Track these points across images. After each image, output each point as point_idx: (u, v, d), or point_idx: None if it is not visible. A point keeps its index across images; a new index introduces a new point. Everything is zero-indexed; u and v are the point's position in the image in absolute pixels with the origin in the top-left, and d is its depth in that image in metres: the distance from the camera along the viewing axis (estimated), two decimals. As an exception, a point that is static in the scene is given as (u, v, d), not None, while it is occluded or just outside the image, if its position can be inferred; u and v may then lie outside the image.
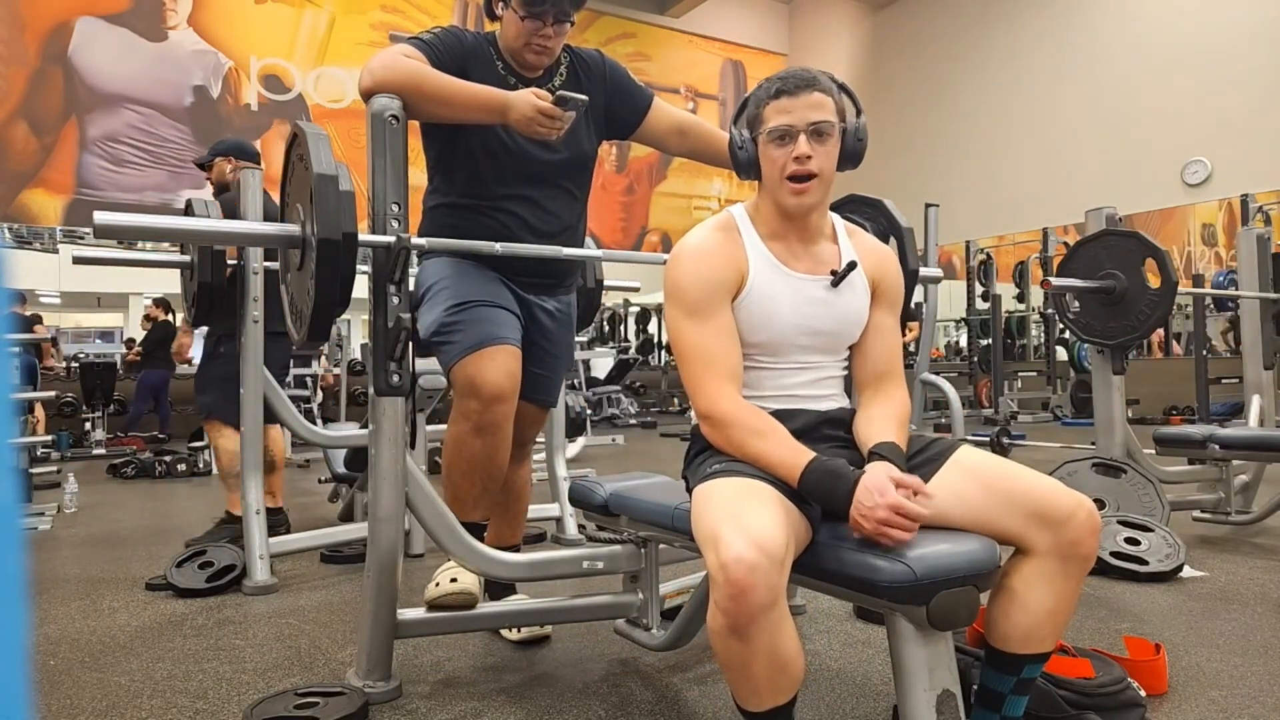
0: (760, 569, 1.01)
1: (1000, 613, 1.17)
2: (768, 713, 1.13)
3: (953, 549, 1.11)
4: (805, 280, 1.36)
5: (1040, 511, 1.14)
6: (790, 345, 1.35)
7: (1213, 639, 1.91)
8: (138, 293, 11.60)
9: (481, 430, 1.77)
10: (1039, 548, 1.14)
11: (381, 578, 1.62)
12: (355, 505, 3.36)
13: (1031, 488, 1.16)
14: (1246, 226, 3.59)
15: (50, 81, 7.65)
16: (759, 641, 1.05)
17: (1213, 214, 9.27)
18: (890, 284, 1.43)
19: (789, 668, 1.10)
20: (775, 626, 1.05)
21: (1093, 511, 1.14)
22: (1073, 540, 1.12)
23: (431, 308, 1.82)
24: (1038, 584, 1.14)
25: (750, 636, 1.04)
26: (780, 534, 1.06)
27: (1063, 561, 1.13)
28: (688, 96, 11.74)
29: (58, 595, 2.50)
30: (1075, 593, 1.17)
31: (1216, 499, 2.98)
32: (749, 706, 1.13)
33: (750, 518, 1.07)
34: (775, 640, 1.06)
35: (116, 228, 1.47)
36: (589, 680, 1.75)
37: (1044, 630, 1.16)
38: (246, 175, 2.67)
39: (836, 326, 1.37)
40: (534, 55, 1.86)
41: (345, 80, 8.91)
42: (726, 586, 1.02)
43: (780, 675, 1.10)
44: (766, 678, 1.09)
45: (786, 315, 1.34)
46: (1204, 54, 8.40)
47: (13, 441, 0.33)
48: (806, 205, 1.32)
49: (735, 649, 1.06)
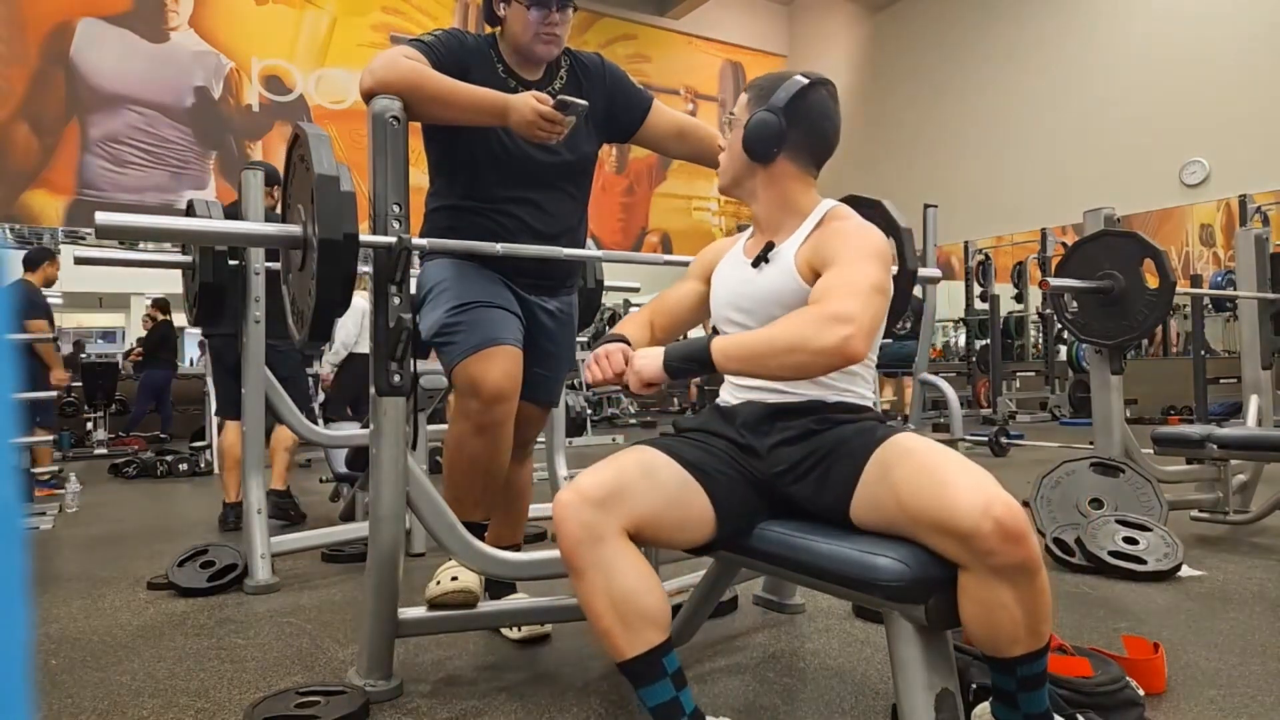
0: (572, 506, 1.17)
1: (969, 621, 1.07)
2: (633, 661, 1.17)
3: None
4: (743, 264, 1.48)
5: (944, 528, 1.04)
6: (722, 319, 1.48)
7: (1211, 638, 1.92)
8: (139, 293, 11.59)
9: (482, 430, 1.77)
10: (963, 561, 1.04)
11: (382, 577, 1.62)
12: (356, 505, 3.37)
13: (929, 503, 1.05)
14: (1245, 227, 3.59)
15: (52, 82, 7.65)
16: (591, 576, 1.16)
17: (1211, 214, 9.27)
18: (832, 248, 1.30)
19: (634, 600, 1.16)
20: (608, 560, 1.16)
21: (1003, 515, 1.00)
22: (988, 551, 1.00)
23: (433, 309, 1.83)
24: (986, 595, 1.04)
25: (581, 570, 1.17)
26: (603, 480, 1.20)
27: (995, 573, 1.02)
28: (687, 98, 11.75)
29: (59, 594, 2.50)
30: (1036, 591, 1.05)
31: (1214, 498, 2.99)
32: (615, 657, 1.19)
33: (586, 473, 1.23)
34: (611, 574, 1.16)
35: (118, 228, 1.48)
36: (589, 679, 1.75)
37: (1018, 633, 1.06)
38: (247, 176, 2.68)
39: (754, 305, 1.43)
40: (543, 46, 1.86)
41: (346, 81, 8.91)
42: (555, 525, 1.19)
43: (626, 609, 1.16)
44: (613, 616, 1.16)
45: (720, 293, 1.50)
46: (1202, 55, 8.41)
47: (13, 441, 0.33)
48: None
49: (576, 586, 1.19)
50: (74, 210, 7.69)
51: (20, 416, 5.00)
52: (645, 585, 1.17)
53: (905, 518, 1.10)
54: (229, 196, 4.92)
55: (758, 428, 1.34)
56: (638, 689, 1.19)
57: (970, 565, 1.04)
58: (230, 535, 3.32)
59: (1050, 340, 9.07)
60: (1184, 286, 6.07)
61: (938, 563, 1.08)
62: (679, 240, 11.26)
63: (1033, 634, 1.07)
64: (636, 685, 1.19)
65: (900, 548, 1.10)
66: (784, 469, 1.29)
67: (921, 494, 1.07)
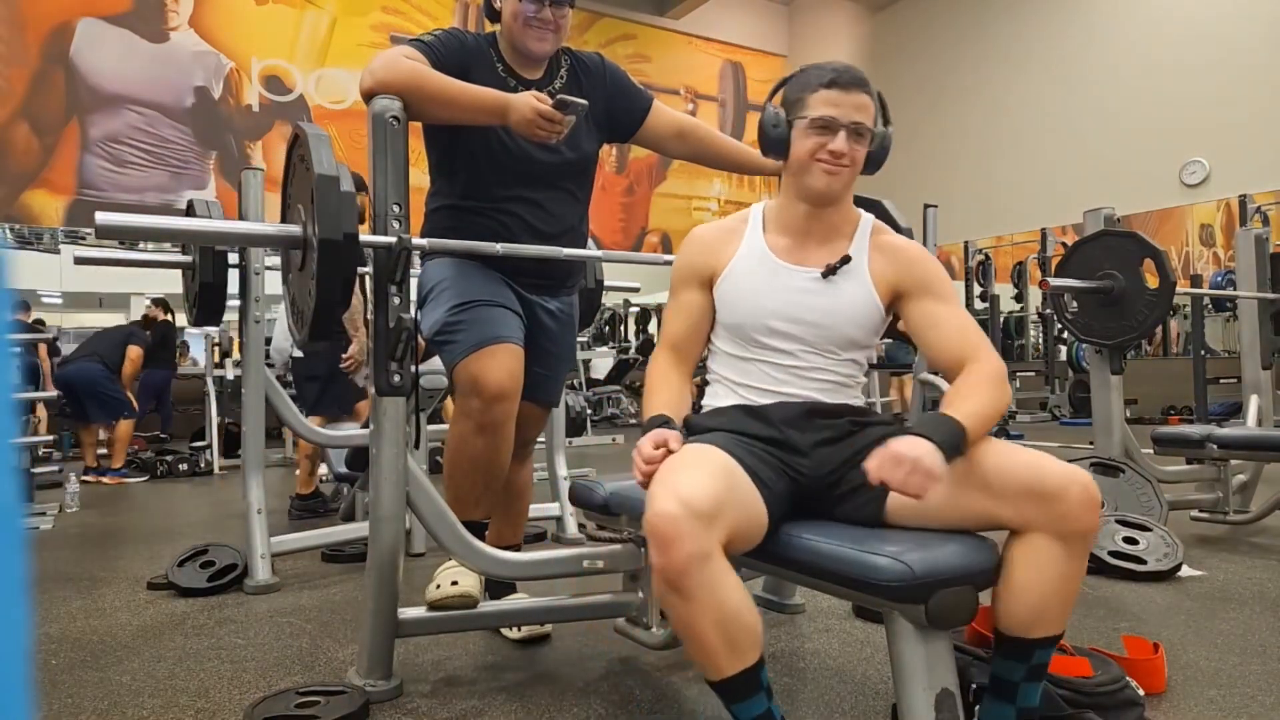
0: (682, 519, 1.05)
1: (1005, 597, 1.14)
2: (732, 679, 1.12)
3: (951, 548, 1.11)
4: (795, 271, 1.40)
5: (1031, 489, 1.11)
6: (762, 329, 1.39)
7: (1211, 638, 1.92)
8: (140, 293, 11.59)
9: (483, 429, 1.77)
10: (1033, 526, 1.11)
11: (382, 577, 1.62)
12: (356, 505, 3.37)
13: (1021, 471, 1.13)
14: (1245, 227, 3.59)
15: (52, 82, 7.65)
16: (700, 596, 1.07)
17: (1211, 214, 9.27)
18: (920, 275, 1.39)
19: (739, 619, 1.10)
20: (714, 580, 1.07)
21: (1088, 484, 1.10)
22: (1066, 514, 1.09)
23: (435, 308, 1.83)
24: (1038, 564, 1.11)
25: (689, 591, 1.07)
26: (706, 491, 1.09)
27: (1061, 539, 1.10)
28: (687, 98, 11.74)
29: (59, 594, 2.50)
30: (1080, 570, 1.13)
31: (1214, 498, 2.99)
32: (713, 676, 1.13)
33: (680, 477, 1.12)
34: (717, 593, 1.07)
35: (118, 228, 1.48)
36: (589, 679, 1.75)
37: (1051, 611, 1.13)
38: (247, 176, 2.68)
39: (823, 319, 1.37)
40: (534, 39, 1.84)
41: (346, 81, 8.90)
42: (654, 540, 1.07)
43: (734, 629, 1.09)
44: (719, 636, 1.09)
45: (762, 301, 1.39)
46: (1202, 55, 8.41)
47: (14, 441, 0.33)
48: (835, 189, 1.36)
49: (680, 608, 1.08)
50: (74, 210, 7.69)
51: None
52: (747, 601, 1.12)
53: (984, 484, 1.14)
54: (229, 196, 4.91)
55: (798, 424, 1.32)
56: (731, 704, 1.14)
57: (1044, 528, 1.10)
58: (296, 524, 3.47)
59: (1050, 340, 9.07)
60: (1184, 286, 6.07)
61: (938, 563, 1.08)
62: (679, 240, 11.21)
63: (1061, 615, 1.15)
64: (730, 701, 1.14)
65: (900, 547, 1.10)
66: (828, 472, 1.28)
67: (1013, 466, 1.14)
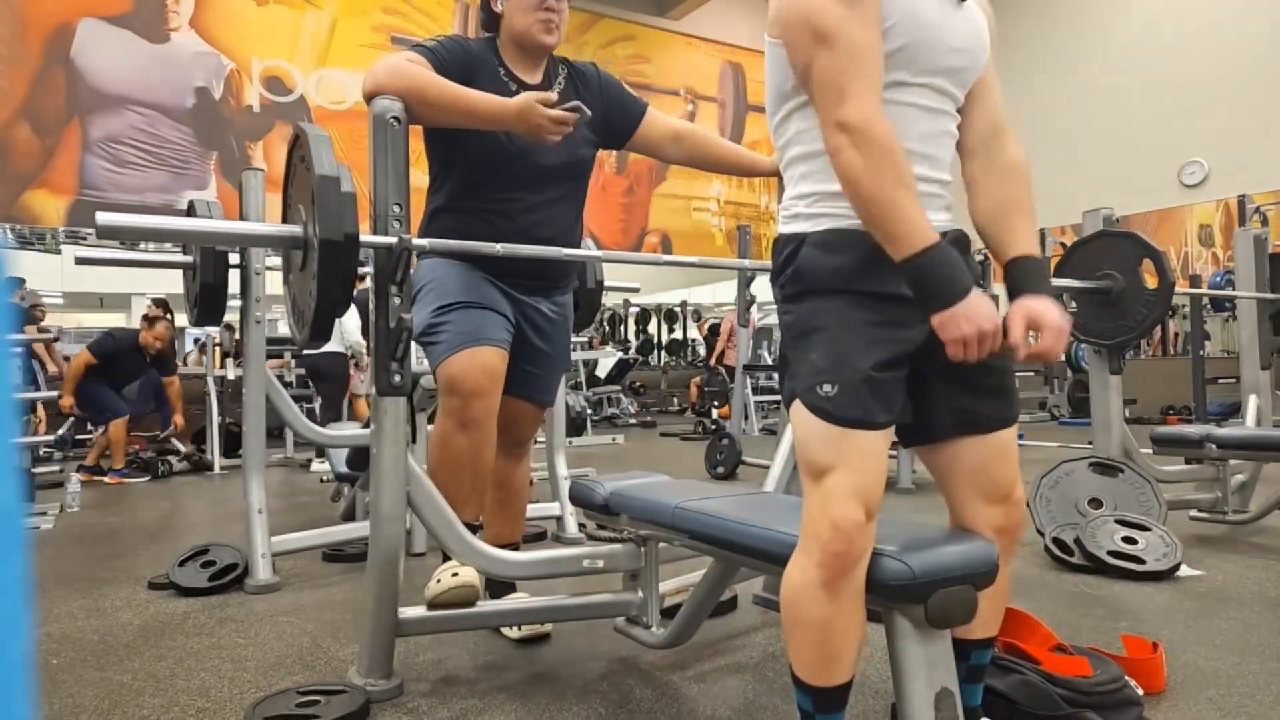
0: (866, 530, 1.02)
1: None
2: (840, 688, 1.08)
3: (950, 548, 1.11)
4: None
5: (991, 487, 1.13)
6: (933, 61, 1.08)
7: (1210, 637, 1.92)
8: (140, 293, 11.61)
9: (464, 426, 1.79)
10: (980, 524, 1.14)
11: (383, 576, 1.63)
12: (357, 504, 3.37)
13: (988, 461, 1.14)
14: (1244, 227, 3.59)
15: (52, 82, 7.65)
16: (848, 598, 1.03)
17: (1210, 215, 9.26)
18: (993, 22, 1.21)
19: (863, 630, 1.08)
20: (861, 583, 1.05)
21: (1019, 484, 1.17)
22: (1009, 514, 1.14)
23: (420, 308, 1.86)
24: None
25: (841, 593, 1.02)
26: (882, 488, 1.06)
27: (1003, 539, 1.14)
28: (687, 98, 11.74)
29: (60, 594, 2.51)
30: (1007, 572, 1.17)
31: (1213, 498, 2.99)
32: (824, 680, 1.07)
33: (863, 464, 1.03)
34: (857, 598, 1.05)
35: (119, 228, 1.49)
36: (589, 678, 1.75)
37: (988, 614, 1.15)
38: (248, 176, 2.68)
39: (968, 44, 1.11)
40: (544, 31, 1.86)
41: (347, 82, 8.90)
42: (834, 542, 1.00)
43: (861, 634, 1.07)
44: (851, 640, 1.05)
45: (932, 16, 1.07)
46: (1201, 55, 8.41)
47: (15, 441, 0.34)
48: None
49: (823, 607, 1.03)
50: (75, 210, 7.68)
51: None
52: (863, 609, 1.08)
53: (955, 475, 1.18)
54: (230, 197, 4.91)
55: None
56: (821, 713, 1.09)
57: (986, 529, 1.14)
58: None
59: (1049, 340, 9.05)
60: (1183, 286, 6.08)
61: (938, 562, 1.08)
62: (679, 240, 11.23)
63: (995, 617, 1.20)
64: (824, 711, 1.09)
65: (900, 547, 1.11)
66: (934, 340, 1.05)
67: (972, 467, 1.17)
